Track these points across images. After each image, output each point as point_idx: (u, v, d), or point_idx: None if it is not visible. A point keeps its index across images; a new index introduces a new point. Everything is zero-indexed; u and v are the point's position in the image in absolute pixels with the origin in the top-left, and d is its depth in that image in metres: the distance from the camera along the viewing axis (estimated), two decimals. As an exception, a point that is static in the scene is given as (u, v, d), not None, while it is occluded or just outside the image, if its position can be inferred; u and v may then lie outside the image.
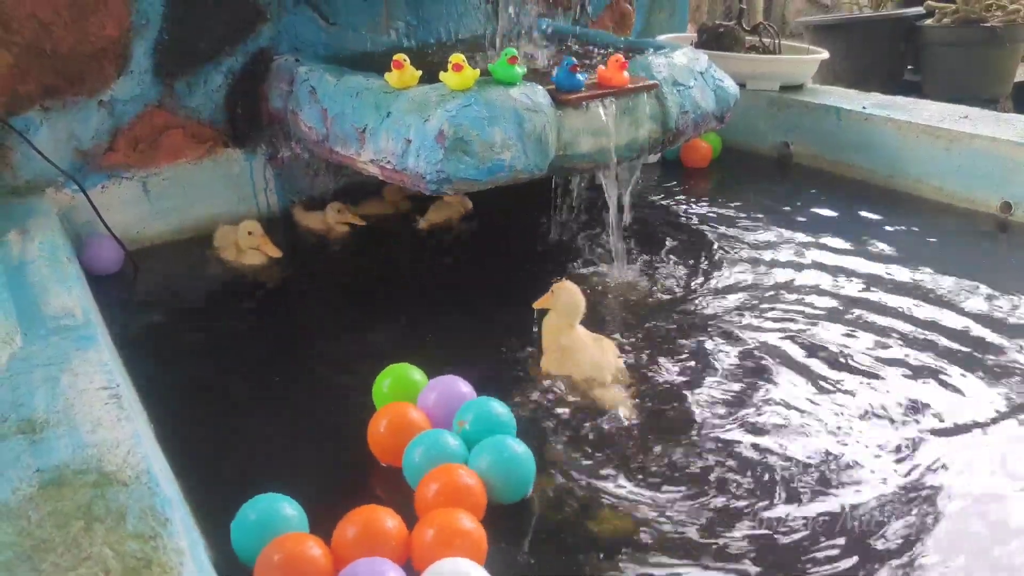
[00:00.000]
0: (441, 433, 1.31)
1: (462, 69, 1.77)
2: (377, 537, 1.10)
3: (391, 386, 1.44)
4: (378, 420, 1.35)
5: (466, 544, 1.09)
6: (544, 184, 2.50)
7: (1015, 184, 2.30)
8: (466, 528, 1.10)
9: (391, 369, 1.47)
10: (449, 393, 1.41)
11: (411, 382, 1.45)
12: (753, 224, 2.36)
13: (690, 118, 2.08)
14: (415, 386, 1.45)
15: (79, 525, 0.89)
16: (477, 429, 1.32)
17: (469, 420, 1.34)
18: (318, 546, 1.08)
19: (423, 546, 1.10)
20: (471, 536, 1.10)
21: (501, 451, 1.26)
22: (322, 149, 2.06)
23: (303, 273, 2.17)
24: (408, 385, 1.45)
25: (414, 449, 1.28)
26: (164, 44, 2.20)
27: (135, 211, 2.26)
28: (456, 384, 1.43)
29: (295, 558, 1.06)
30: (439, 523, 1.11)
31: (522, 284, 1.81)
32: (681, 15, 3.45)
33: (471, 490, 1.19)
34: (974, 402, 1.51)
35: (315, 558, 1.07)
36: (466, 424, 1.33)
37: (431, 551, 1.08)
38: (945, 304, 1.86)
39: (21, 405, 1.12)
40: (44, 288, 1.50)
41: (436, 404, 1.40)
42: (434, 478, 1.20)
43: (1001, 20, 4.21)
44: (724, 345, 1.72)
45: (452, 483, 1.19)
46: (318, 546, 1.08)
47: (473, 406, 1.36)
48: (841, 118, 2.72)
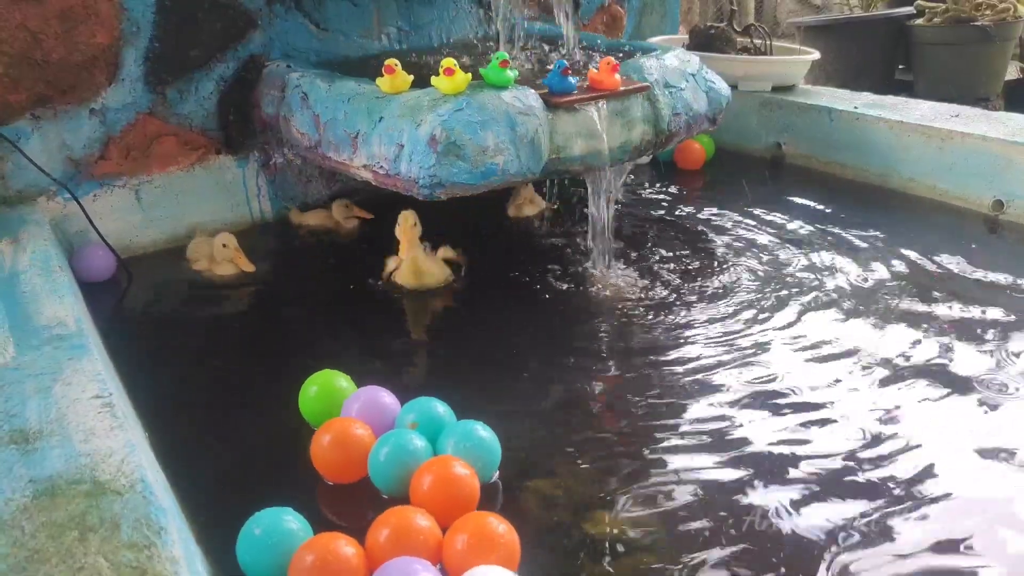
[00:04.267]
0: (403, 432, 1.31)
1: (454, 73, 1.77)
2: (411, 537, 1.10)
3: (317, 393, 1.45)
4: (321, 438, 1.33)
5: (499, 550, 1.08)
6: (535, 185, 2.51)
7: (1007, 182, 2.31)
8: (499, 533, 1.10)
9: (316, 376, 1.47)
10: (373, 404, 1.41)
11: (337, 389, 1.45)
12: (746, 225, 2.36)
13: (682, 120, 2.08)
14: (342, 393, 1.45)
15: (73, 535, 0.89)
16: (425, 426, 1.34)
17: (412, 419, 1.35)
18: (352, 546, 1.08)
19: (456, 551, 1.09)
20: (504, 541, 1.09)
21: (469, 434, 1.30)
22: (315, 155, 2.06)
23: (293, 281, 2.17)
24: (334, 393, 1.45)
25: (379, 451, 1.28)
26: (155, 52, 2.20)
27: (128, 219, 2.26)
28: (379, 394, 1.43)
29: (329, 558, 1.06)
30: (472, 527, 1.11)
31: (513, 285, 1.82)
32: (672, 17, 3.45)
33: (465, 481, 1.20)
34: (968, 399, 1.51)
35: (348, 558, 1.06)
36: (415, 423, 1.35)
37: (464, 556, 1.07)
38: (938, 302, 1.86)
39: (13, 415, 1.12)
40: (36, 298, 1.50)
41: (360, 415, 1.39)
42: (427, 470, 1.21)
43: (991, 19, 4.23)
44: (716, 344, 1.72)
45: (447, 475, 1.20)
46: (352, 546, 1.08)
47: (415, 406, 1.38)
48: (833, 118, 2.73)
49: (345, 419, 1.37)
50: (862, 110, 2.67)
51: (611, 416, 1.51)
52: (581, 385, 1.61)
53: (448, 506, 1.17)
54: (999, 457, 1.36)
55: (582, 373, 1.65)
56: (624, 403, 1.54)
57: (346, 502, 1.31)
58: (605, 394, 1.59)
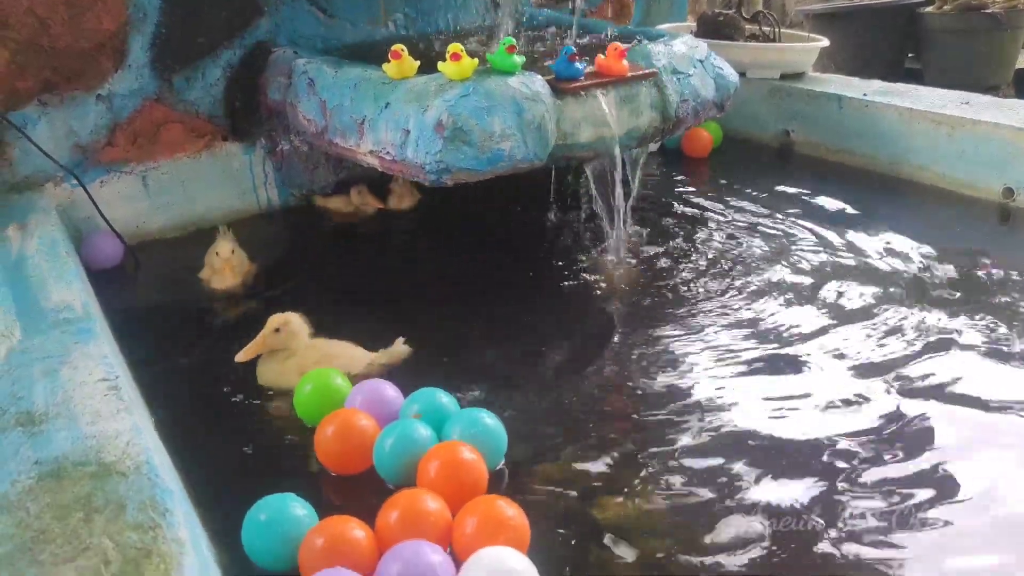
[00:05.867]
0: (408, 421, 1.30)
1: (460, 59, 1.76)
2: (420, 520, 1.10)
3: (312, 392, 1.43)
4: (325, 429, 1.32)
5: (509, 532, 1.08)
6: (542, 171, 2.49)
7: (1017, 170, 2.29)
8: (509, 516, 1.10)
9: (312, 375, 1.45)
10: (377, 396, 1.40)
11: (333, 388, 1.43)
12: (754, 213, 2.35)
13: (690, 106, 2.07)
14: (337, 391, 1.43)
15: (78, 516, 0.89)
16: (429, 415, 1.34)
17: (416, 409, 1.35)
18: (362, 528, 1.08)
19: (465, 534, 1.09)
20: (514, 524, 1.10)
21: (474, 422, 1.29)
22: (321, 141, 2.06)
23: (304, 267, 2.17)
24: (330, 391, 1.43)
25: (384, 441, 1.27)
26: (162, 38, 2.19)
27: (135, 206, 2.26)
28: (382, 387, 1.42)
29: (340, 541, 1.06)
30: (482, 510, 1.11)
31: (519, 273, 1.81)
32: (680, 4, 3.44)
33: (472, 466, 1.20)
34: (978, 386, 1.51)
35: (359, 540, 1.07)
36: (419, 414, 1.34)
37: (473, 539, 1.08)
38: (948, 289, 1.85)
39: (20, 398, 1.12)
40: (43, 282, 1.50)
41: (363, 407, 1.38)
42: (434, 455, 1.21)
43: (1002, 7, 4.19)
44: (724, 332, 1.71)
45: (454, 460, 1.20)
46: (362, 528, 1.08)
47: (419, 397, 1.37)
48: (842, 106, 2.71)
49: (349, 410, 1.36)
50: (871, 97, 2.65)
51: (618, 402, 1.50)
52: (588, 371, 1.60)
53: (456, 492, 1.17)
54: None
55: (589, 359, 1.65)
56: (631, 389, 1.54)
57: (352, 489, 1.31)
58: (612, 380, 1.58)
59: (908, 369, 1.56)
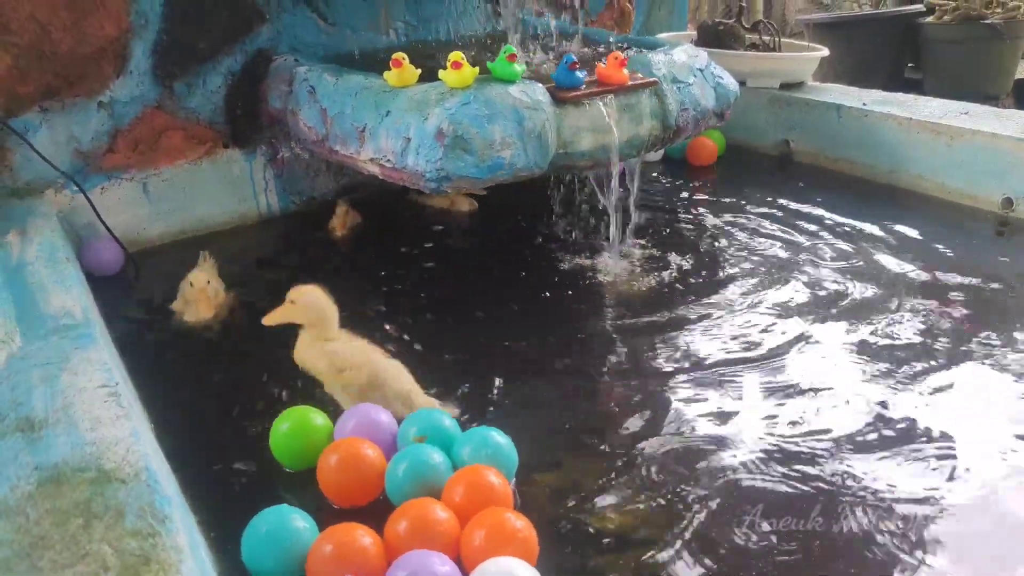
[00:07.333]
0: (418, 446, 1.26)
1: (461, 67, 1.77)
2: (429, 530, 1.10)
3: (290, 430, 1.34)
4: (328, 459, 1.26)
5: (517, 544, 1.08)
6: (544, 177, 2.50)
7: (1017, 180, 2.29)
8: (517, 528, 1.09)
9: (289, 412, 1.37)
10: (369, 422, 1.33)
11: (312, 427, 1.35)
12: (754, 221, 2.35)
13: (690, 115, 2.08)
14: (317, 431, 1.34)
15: (78, 522, 0.89)
16: (433, 438, 1.29)
17: (415, 432, 1.30)
18: (370, 536, 1.08)
19: (473, 546, 1.08)
20: (522, 536, 1.09)
21: (485, 441, 1.27)
22: (322, 149, 2.06)
23: (309, 275, 2.17)
24: (310, 431, 1.34)
25: (397, 467, 1.22)
26: (163, 45, 2.20)
27: (135, 212, 2.27)
28: (374, 412, 1.36)
29: (348, 548, 1.06)
30: (490, 522, 1.10)
31: (518, 277, 1.80)
32: (681, 13, 3.45)
33: (499, 490, 1.18)
34: (979, 396, 1.51)
35: (367, 548, 1.07)
36: (424, 437, 1.29)
37: (482, 550, 1.07)
38: (946, 300, 1.85)
39: (20, 404, 1.12)
40: (43, 288, 1.50)
41: (356, 435, 1.31)
42: (459, 480, 1.19)
43: (1001, 17, 4.20)
44: (724, 339, 1.71)
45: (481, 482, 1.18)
46: (370, 536, 1.08)
47: (416, 419, 1.33)
48: (842, 115, 2.71)
49: (351, 440, 1.29)
50: (871, 107, 2.66)
51: (617, 408, 1.50)
52: (592, 382, 1.60)
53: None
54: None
55: (587, 365, 1.65)
56: (637, 400, 1.53)
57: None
58: (611, 386, 1.58)
59: (907, 373, 1.57)
